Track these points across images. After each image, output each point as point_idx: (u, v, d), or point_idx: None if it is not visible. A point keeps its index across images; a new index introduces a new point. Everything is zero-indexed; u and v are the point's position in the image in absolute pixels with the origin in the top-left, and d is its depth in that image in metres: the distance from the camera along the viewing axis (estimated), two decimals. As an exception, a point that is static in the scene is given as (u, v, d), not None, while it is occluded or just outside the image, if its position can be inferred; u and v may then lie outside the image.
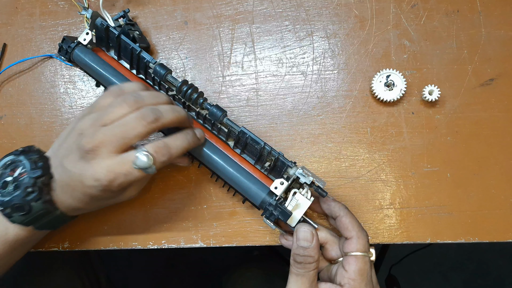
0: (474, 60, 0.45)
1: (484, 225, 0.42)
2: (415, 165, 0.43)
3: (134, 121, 0.32)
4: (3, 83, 0.47)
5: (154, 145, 0.33)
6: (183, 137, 0.35)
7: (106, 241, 0.44)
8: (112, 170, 0.32)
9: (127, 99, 0.34)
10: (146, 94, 0.35)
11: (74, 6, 0.47)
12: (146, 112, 0.33)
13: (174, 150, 0.34)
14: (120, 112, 0.33)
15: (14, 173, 0.34)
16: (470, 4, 0.45)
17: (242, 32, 0.46)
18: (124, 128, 0.32)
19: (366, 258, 0.35)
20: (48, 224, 0.36)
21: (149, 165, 0.32)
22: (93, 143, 0.32)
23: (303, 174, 0.37)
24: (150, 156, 0.32)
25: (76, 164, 0.33)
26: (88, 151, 0.32)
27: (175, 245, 0.43)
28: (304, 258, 0.34)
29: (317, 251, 0.35)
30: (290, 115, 0.45)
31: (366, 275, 0.34)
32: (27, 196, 0.33)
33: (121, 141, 0.32)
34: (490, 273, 1.19)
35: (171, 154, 0.34)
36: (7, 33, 0.48)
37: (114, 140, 0.32)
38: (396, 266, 1.07)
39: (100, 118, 0.33)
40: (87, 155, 0.32)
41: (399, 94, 0.43)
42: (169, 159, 0.34)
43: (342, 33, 0.46)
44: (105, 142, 0.32)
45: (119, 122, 0.33)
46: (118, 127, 0.32)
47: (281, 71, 0.46)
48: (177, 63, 0.46)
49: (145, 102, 0.34)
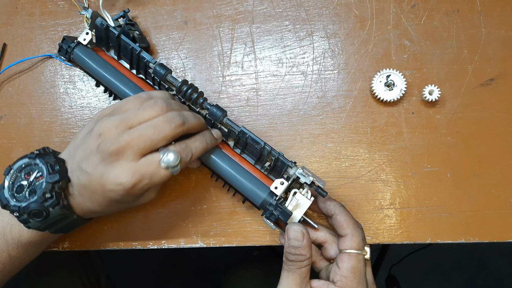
0: (474, 60, 0.45)
1: (484, 225, 0.42)
2: (415, 165, 0.43)
3: (162, 124, 0.33)
4: (3, 83, 0.47)
5: (178, 146, 0.33)
6: (202, 138, 0.36)
7: (106, 241, 0.44)
8: (137, 172, 0.32)
9: (158, 103, 0.34)
10: (172, 101, 0.36)
11: (74, 6, 0.47)
12: (174, 115, 0.33)
13: (195, 150, 0.35)
14: (149, 114, 0.33)
15: (29, 177, 0.34)
16: (470, 4, 0.45)
17: (242, 32, 0.46)
18: (153, 130, 0.32)
19: (360, 256, 0.35)
20: (64, 228, 0.36)
21: (176, 163, 0.32)
22: (118, 145, 0.31)
23: (303, 174, 0.37)
24: (178, 155, 0.32)
25: (97, 167, 0.32)
26: (112, 153, 0.31)
27: (175, 245, 0.43)
28: (296, 257, 0.35)
29: (309, 249, 0.35)
30: (290, 115, 0.45)
31: (358, 273, 0.34)
32: (45, 202, 0.32)
33: (148, 143, 0.32)
34: (490, 273, 1.19)
35: (192, 154, 0.34)
36: (7, 33, 0.48)
37: (141, 141, 0.32)
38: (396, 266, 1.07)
39: (127, 120, 0.33)
40: (110, 158, 0.31)
41: (399, 94, 0.43)
42: (191, 159, 0.34)
43: (342, 33, 0.46)
44: (132, 144, 0.32)
45: (147, 123, 0.33)
46: (146, 129, 0.32)
47: (281, 71, 0.46)
48: (177, 63, 0.46)
49: (173, 108, 0.35)
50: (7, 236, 0.35)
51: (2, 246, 0.35)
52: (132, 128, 0.32)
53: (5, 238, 0.35)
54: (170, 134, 0.33)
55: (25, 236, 0.35)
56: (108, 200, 0.33)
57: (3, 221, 0.35)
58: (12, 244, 0.35)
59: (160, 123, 0.33)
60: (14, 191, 0.34)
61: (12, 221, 0.35)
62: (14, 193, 0.34)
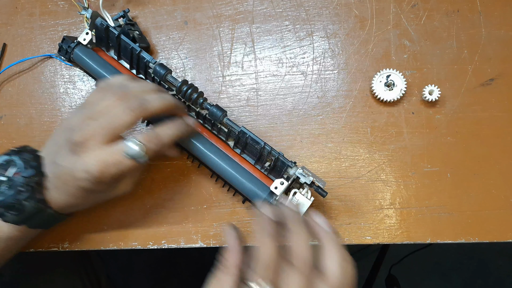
0: (474, 60, 0.45)
1: (484, 225, 0.42)
2: (415, 165, 0.43)
3: (119, 111, 0.33)
4: (3, 83, 0.47)
5: (145, 135, 0.34)
6: (173, 126, 0.36)
7: (106, 241, 0.44)
8: (102, 160, 0.32)
9: (113, 91, 0.34)
10: (132, 85, 0.36)
11: (74, 6, 0.47)
12: (130, 102, 0.34)
13: (165, 138, 0.35)
14: (106, 104, 0.34)
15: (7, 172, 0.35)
16: (470, 4, 0.45)
17: (242, 32, 0.46)
18: (110, 119, 0.33)
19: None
20: (41, 223, 0.37)
21: (140, 153, 0.33)
22: (82, 136, 0.33)
23: (303, 174, 0.37)
24: (141, 145, 0.33)
25: (66, 158, 0.33)
26: (77, 143, 0.33)
27: (175, 245, 0.43)
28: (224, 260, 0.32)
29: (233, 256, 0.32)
30: (290, 115, 0.45)
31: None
32: (20, 196, 0.33)
33: (108, 132, 0.33)
34: (490, 273, 1.19)
35: (161, 142, 0.34)
36: (7, 33, 0.48)
37: (101, 131, 0.33)
38: (396, 266, 1.07)
39: (88, 112, 0.34)
40: (77, 148, 0.33)
41: (399, 94, 0.43)
42: (160, 147, 0.34)
43: (342, 33, 0.46)
44: (93, 134, 0.33)
45: (106, 113, 0.33)
46: (104, 118, 0.33)
47: (281, 71, 0.46)
48: (177, 63, 0.46)
49: (131, 93, 0.35)
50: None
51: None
52: (94, 119, 0.33)
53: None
54: (129, 119, 0.33)
55: (5, 231, 0.36)
56: (80, 190, 0.34)
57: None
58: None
59: (116, 111, 0.33)
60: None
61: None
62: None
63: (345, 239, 0.43)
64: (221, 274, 0.31)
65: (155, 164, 0.44)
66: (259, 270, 0.29)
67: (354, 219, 0.43)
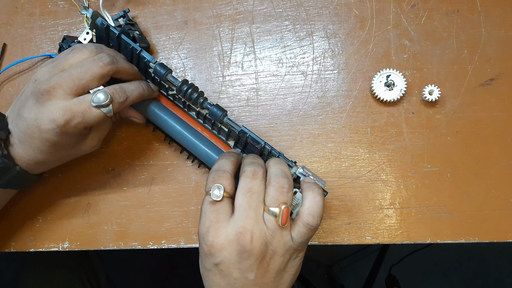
0: (474, 60, 0.45)
1: (484, 225, 0.42)
2: (415, 165, 0.43)
3: (90, 63, 0.33)
4: (3, 83, 0.47)
5: (111, 87, 0.34)
6: (138, 84, 0.37)
7: (106, 241, 0.44)
8: (68, 109, 0.32)
9: (87, 46, 0.35)
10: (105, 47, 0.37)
11: (74, 6, 0.47)
12: (103, 55, 0.34)
13: (130, 93, 0.35)
14: (78, 57, 0.34)
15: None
16: (470, 4, 0.45)
17: (242, 32, 0.46)
18: (80, 70, 0.33)
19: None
20: (11, 181, 0.36)
21: (106, 102, 0.33)
22: (48, 85, 0.32)
23: (304, 173, 0.37)
24: (108, 94, 0.33)
25: (31, 110, 0.33)
26: (43, 92, 0.32)
27: (175, 245, 0.43)
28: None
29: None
30: (290, 115, 0.45)
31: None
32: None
33: (77, 82, 0.33)
34: (490, 273, 1.20)
35: (127, 96, 0.35)
36: (7, 33, 0.48)
37: (70, 81, 0.33)
38: (396, 266, 1.07)
39: (58, 64, 0.34)
40: (42, 97, 0.32)
41: (399, 94, 0.43)
42: (125, 101, 0.35)
43: (342, 33, 0.46)
44: (61, 84, 0.33)
45: (76, 65, 0.34)
46: (74, 69, 0.33)
47: (281, 71, 0.46)
48: (177, 63, 0.46)
49: (104, 51, 0.36)
50: None
51: None
52: (64, 70, 0.34)
53: None
54: (98, 72, 0.33)
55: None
56: (46, 143, 0.34)
57: None
58: None
59: (87, 63, 0.33)
60: None
61: None
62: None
63: (345, 239, 0.43)
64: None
65: (155, 164, 0.44)
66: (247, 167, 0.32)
67: (354, 219, 0.43)
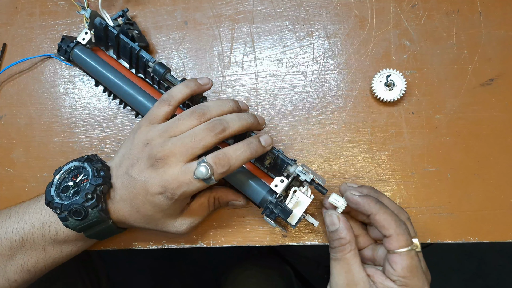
0: (474, 60, 0.45)
1: (484, 225, 0.42)
2: (415, 165, 0.43)
3: (203, 132, 0.33)
4: (3, 83, 0.47)
5: (214, 156, 0.33)
6: (246, 147, 0.35)
7: (106, 241, 0.44)
8: (176, 179, 0.33)
9: (196, 110, 0.35)
10: (212, 104, 0.36)
11: (73, 6, 0.47)
12: (214, 123, 0.34)
13: (234, 161, 0.34)
14: (189, 123, 0.34)
15: (76, 178, 0.36)
16: (470, 4, 0.45)
17: (242, 32, 0.46)
18: (193, 139, 0.33)
19: (412, 252, 0.33)
20: (99, 233, 0.37)
21: (207, 176, 0.32)
22: (163, 152, 0.33)
23: (303, 171, 0.37)
24: (208, 167, 0.32)
25: (143, 172, 0.34)
26: (158, 159, 0.33)
27: (175, 245, 0.43)
28: (337, 242, 0.35)
29: (348, 232, 0.35)
30: (290, 115, 0.45)
31: (415, 269, 0.33)
32: (86, 202, 0.34)
33: (190, 151, 0.33)
34: (490, 273, 1.19)
35: (230, 165, 0.34)
36: (7, 33, 0.48)
37: (184, 150, 0.33)
38: (396, 266, 1.07)
39: (169, 129, 0.34)
40: (157, 164, 0.33)
41: (399, 94, 0.43)
42: (228, 170, 0.34)
43: (342, 33, 0.46)
44: (175, 152, 0.33)
45: (188, 132, 0.34)
46: (187, 138, 0.33)
47: (281, 71, 0.46)
48: (177, 63, 0.46)
49: (212, 113, 0.35)
50: (45, 231, 0.37)
51: (40, 240, 0.37)
52: (176, 137, 0.34)
53: (43, 234, 0.37)
54: (211, 141, 0.33)
55: (61, 235, 0.37)
56: (148, 205, 0.35)
57: (44, 216, 0.37)
58: (48, 240, 0.37)
59: (200, 132, 0.34)
60: (59, 190, 0.36)
61: (52, 218, 0.37)
62: (60, 192, 0.36)
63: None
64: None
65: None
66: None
67: (354, 219, 0.43)
